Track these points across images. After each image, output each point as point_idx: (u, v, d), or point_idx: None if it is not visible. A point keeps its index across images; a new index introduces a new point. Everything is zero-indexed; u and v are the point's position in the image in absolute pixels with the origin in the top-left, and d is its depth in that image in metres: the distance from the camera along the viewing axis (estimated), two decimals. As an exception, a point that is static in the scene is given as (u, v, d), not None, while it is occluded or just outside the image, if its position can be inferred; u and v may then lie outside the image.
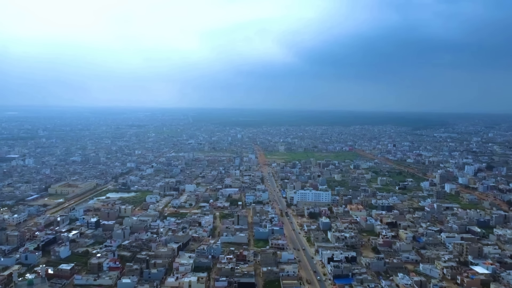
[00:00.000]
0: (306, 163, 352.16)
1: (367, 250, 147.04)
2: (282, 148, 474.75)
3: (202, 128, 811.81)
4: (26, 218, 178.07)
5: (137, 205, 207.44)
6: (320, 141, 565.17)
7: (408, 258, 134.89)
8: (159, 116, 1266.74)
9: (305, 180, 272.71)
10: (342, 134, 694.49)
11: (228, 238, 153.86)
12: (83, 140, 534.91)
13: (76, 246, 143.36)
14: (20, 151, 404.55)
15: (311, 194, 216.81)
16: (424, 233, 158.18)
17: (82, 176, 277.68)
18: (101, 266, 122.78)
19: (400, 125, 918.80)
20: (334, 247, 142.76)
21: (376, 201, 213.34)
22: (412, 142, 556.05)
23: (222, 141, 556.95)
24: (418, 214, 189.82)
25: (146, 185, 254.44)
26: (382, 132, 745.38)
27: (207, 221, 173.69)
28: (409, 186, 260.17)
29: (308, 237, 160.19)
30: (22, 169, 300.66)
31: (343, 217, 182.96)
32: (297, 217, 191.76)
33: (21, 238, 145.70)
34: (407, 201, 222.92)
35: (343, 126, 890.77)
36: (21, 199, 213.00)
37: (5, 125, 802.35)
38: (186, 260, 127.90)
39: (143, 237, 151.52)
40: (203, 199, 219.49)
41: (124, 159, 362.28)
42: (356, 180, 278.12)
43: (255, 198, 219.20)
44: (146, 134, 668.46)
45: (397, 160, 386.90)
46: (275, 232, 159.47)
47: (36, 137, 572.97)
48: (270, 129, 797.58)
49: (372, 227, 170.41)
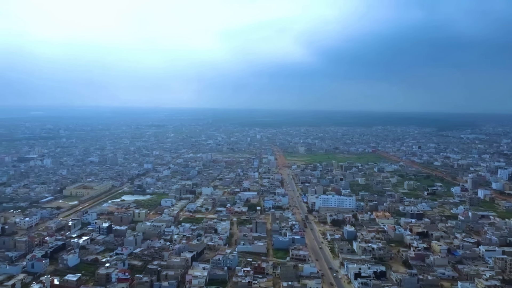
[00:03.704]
0: (327, 165, 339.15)
1: (397, 263, 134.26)
2: (302, 149, 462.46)
3: (221, 129, 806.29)
4: (38, 222, 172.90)
5: (152, 208, 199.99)
6: (341, 142, 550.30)
7: (444, 275, 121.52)
8: (179, 116, 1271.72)
9: (327, 183, 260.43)
10: (364, 135, 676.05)
11: (245, 247, 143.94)
12: (103, 140, 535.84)
13: (85, 254, 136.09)
14: (39, 151, 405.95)
15: (334, 199, 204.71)
16: (460, 246, 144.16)
17: (98, 177, 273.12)
18: (110, 277, 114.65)
19: (424, 125, 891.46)
20: (360, 259, 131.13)
21: (404, 208, 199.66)
22: (438, 143, 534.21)
23: (241, 142, 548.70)
24: (451, 223, 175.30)
25: (162, 188, 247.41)
26: (406, 133, 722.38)
27: (224, 228, 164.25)
28: (439, 191, 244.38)
29: (332, 247, 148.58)
30: (39, 170, 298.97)
31: (369, 226, 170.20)
32: (319, 224, 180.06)
33: (30, 244, 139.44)
34: (438, 208, 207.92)
35: (365, 126, 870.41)
36: (35, 201, 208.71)
37: (29, 124, 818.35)
38: (200, 272, 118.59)
39: (155, 245, 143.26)
40: (220, 203, 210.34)
41: (141, 160, 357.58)
42: (381, 184, 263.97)
43: (274, 202, 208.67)
44: (165, 134, 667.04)
45: (424, 162, 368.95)
46: (296, 242, 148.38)
47: (57, 137, 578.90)
48: (289, 130, 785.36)
49: (401, 237, 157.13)
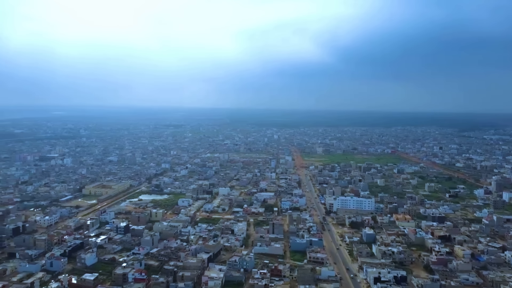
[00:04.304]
0: (345, 166, 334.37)
1: (418, 268, 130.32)
2: (320, 150, 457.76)
3: (238, 129, 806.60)
4: (58, 220, 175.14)
5: (169, 208, 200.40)
6: (360, 143, 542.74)
7: (467, 281, 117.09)
8: (196, 116, 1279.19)
9: (345, 184, 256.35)
10: (383, 135, 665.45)
11: (262, 248, 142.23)
12: (122, 140, 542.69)
13: (103, 253, 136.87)
14: (60, 150, 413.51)
15: (353, 201, 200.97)
16: (484, 251, 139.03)
17: (116, 177, 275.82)
18: (126, 277, 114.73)
19: (445, 126, 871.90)
20: (380, 263, 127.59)
21: (425, 211, 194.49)
22: (460, 144, 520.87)
23: (258, 142, 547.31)
24: (474, 227, 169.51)
25: (179, 187, 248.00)
26: (426, 133, 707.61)
27: (240, 229, 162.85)
28: (461, 193, 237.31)
29: (350, 250, 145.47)
30: (60, 169, 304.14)
31: (389, 228, 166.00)
32: (337, 226, 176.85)
33: (49, 243, 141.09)
34: (460, 211, 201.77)
35: (384, 127, 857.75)
36: (55, 199, 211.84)
37: (50, 124, 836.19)
38: (216, 274, 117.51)
39: (172, 245, 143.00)
40: (236, 204, 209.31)
41: (159, 160, 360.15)
42: (400, 186, 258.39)
43: (291, 203, 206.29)
44: (182, 134, 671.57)
45: (445, 164, 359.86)
46: (314, 244, 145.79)
47: (77, 136, 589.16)
48: (307, 130, 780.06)
49: (422, 241, 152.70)
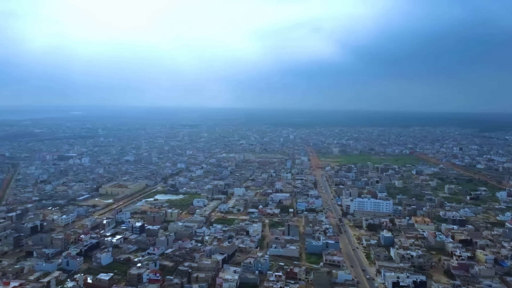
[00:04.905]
0: (362, 167, 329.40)
1: (438, 273, 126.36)
2: (336, 150, 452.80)
3: (254, 129, 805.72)
4: (75, 219, 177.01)
5: (184, 208, 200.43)
6: (377, 143, 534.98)
7: (490, 287, 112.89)
8: (212, 116, 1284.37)
9: (362, 186, 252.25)
10: (401, 136, 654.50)
11: (277, 250, 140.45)
12: (138, 140, 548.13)
13: (118, 253, 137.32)
14: (78, 149, 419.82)
15: (370, 202, 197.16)
16: (508, 256, 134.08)
17: (133, 176, 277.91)
18: (141, 278, 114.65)
19: (465, 126, 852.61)
20: (398, 268, 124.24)
21: (444, 213, 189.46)
22: (481, 145, 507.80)
23: (273, 142, 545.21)
24: (497, 230, 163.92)
25: (194, 187, 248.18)
26: (445, 134, 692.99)
27: (255, 230, 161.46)
28: (483, 196, 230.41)
29: (368, 253, 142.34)
30: (77, 168, 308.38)
31: (407, 231, 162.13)
32: (354, 228, 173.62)
33: (66, 242, 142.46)
34: (482, 214, 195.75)
35: (402, 127, 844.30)
36: (72, 198, 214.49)
37: (70, 124, 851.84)
38: (230, 276, 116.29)
39: (187, 246, 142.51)
40: (252, 204, 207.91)
41: (175, 159, 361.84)
42: (419, 187, 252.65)
43: (307, 205, 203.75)
44: (198, 134, 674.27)
45: (465, 165, 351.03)
46: (330, 246, 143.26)
47: (95, 136, 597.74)
48: (323, 130, 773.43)
49: (442, 244, 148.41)
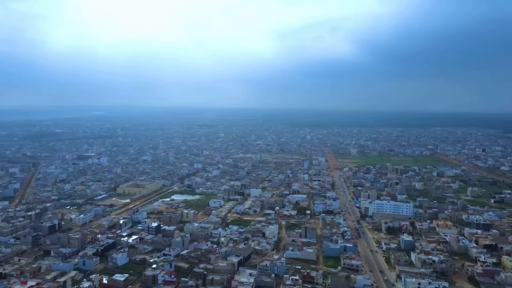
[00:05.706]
0: (381, 168, 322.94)
1: (461, 279, 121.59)
2: (354, 151, 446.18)
3: (271, 129, 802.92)
4: (92, 219, 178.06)
5: (200, 209, 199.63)
6: (396, 144, 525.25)
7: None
8: (229, 116, 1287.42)
9: (381, 187, 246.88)
10: (420, 136, 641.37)
11: (293, 253, 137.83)
12: (156, 140, 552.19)
13: (134, 253, 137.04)
14: (97, 149, 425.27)
15: (390, 205, 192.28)
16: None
17: (150, 176, 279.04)
18: (156, 279, 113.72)
19: (487, 127, 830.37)
20: (420, 273, 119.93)
21: (467, 217, 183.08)
22: (505, 146, 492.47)
23: (290, 143, 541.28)
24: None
25: (211, 188, 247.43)
26: (467, 135, 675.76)
27: (272, 232, 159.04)
28: (508, 199, 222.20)
29: (387, 257, 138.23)
30: (96, 167, 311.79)
31: (428, 235, 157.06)
32: (372, 231, 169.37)
33: (82, 241, 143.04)
34: (507, 218, 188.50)
35: (422, 127, 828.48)
36: (90, 198, 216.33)
37: (89, 124, 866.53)
38: (246, 278, 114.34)
39: (202, 247, 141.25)
40: (268, 206, 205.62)
41: (192, 160, 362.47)
42: (441, 190, 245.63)
43: (325, 207, 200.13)
44: (215, 134, 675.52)
45: (489, 167, 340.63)
46: (348, 250, 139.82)
47: (114, 136, 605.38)
48: (341, 130, 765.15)
49: (465, 249, 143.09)
